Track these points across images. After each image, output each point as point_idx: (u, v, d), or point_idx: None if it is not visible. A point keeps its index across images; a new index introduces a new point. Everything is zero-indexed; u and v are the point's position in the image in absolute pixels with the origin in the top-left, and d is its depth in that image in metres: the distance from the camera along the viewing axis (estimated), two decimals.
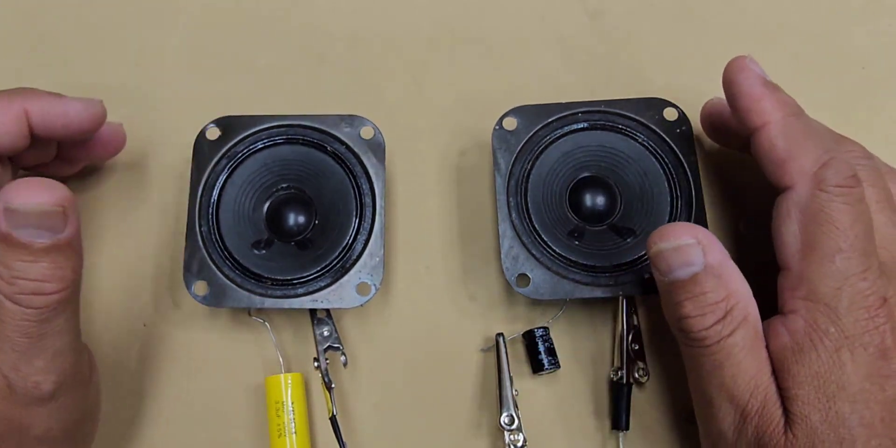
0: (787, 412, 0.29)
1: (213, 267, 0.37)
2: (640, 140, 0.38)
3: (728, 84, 0.34)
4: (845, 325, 0.29)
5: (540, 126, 0.38)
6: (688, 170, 0.37)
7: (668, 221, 0.37)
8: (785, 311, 0.31)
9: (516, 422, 0.36)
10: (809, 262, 0.30)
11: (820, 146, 0.32)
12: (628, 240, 0.37)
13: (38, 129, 0.35)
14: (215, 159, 0.39)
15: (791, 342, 0.30)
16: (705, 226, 0.37)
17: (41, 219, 0.28)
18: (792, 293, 0.31)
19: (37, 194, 0.28)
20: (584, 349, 0.39)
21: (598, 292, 0.36)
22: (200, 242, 0.37)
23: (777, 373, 0.30)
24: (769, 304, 0.32)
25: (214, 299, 0.36)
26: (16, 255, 0.28)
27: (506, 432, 0.36)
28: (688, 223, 0.34)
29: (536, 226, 0.37)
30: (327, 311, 0.38)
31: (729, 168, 0.42)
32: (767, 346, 0.31)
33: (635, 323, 0.37)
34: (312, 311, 0.38)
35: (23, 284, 0.28)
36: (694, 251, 0.31)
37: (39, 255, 0.29)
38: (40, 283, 0.29)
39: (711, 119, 0.40)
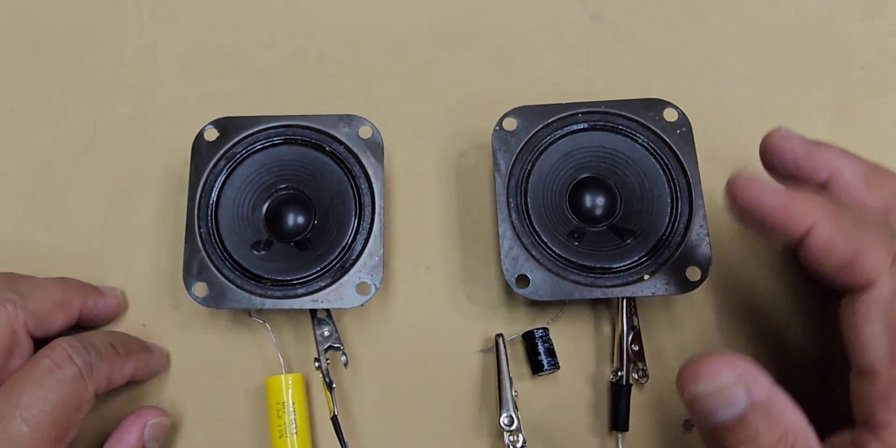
0: None
1: (213, 268, 0.37)
2: (640, 141, 0.38)
3: (743, 207, 0.30)
4: None
5: (540, 127, 0.38)
6: (688, 170, 0.37)
7: (668, 222, 0.37)
8: (874, 424, 0.28)
9: (516, 422, 0.36)
10: None
11: (880, 229, 0.28)
12: (628, 241, 0.37)
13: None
14: (214, 160, 0.38)
15: None
16: (705, 226, 0.37)
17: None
18: (886, 403, 0.27)
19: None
20: (583, 350, 0.39)
21: (597, 293, 0.36)
22: (200, 244, 0.37)
23: None
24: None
25: (214, 300, 0.36)
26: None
27: (505, 433, 0.36)
28: (722, 353, 0.28)
29: (536, 226, 0.37)
30: (327, 311, 0.38)
31: (729, 168, 0.42)
32: None
33: (635, 324, 0.37)
34: (313, 312, 0.38)
35: None
36: (737, 390, 0.27)
37: None
38: None
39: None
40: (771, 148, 0.33)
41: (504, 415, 0.36)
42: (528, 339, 0.38)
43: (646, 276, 0.36)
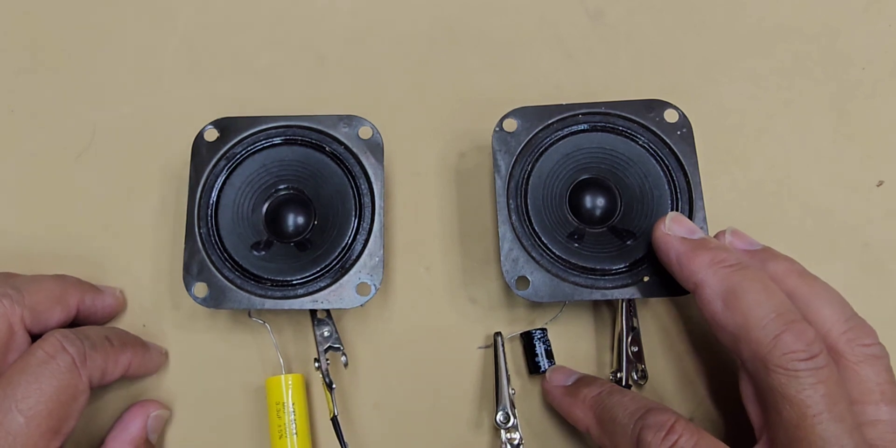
0: None
1: (213, 268, 0.37)
2: (640, 142, 0.38)
3: (544, 392, 0.38)
4: None
5: (540, 128, 0.38)
6: (688, 172, 0.37)
7: None
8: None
9: (512, 420, 0.36)
10: None
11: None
12: (628, 242, 0.37)
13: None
14: (214, 161, 0.38)
15: None
16: (706, 227, 0.37)
17: None
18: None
19: None
20: (582, 350, 0.39)
21: (597, 295, 0.36)
22: (200, 244, 0.37)
23: None
24: None
25: (214, 301, 0.36)
26: None
27: (502, 430, 0.36)
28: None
29: (536, 228, 0.37)
30: (327, 311, 0.38)
31: (729, 169, 0.42)
32: None
33: (635, 325, 0.37)
34: (312, 312, 0.38)
35: None
36: None
37: None
38: None
39: None
40: (655, 241, 0.35)
41: (500, 412, 0.36)
42: (527, 339, 0.38)
43: (645, 278, 0.36)
